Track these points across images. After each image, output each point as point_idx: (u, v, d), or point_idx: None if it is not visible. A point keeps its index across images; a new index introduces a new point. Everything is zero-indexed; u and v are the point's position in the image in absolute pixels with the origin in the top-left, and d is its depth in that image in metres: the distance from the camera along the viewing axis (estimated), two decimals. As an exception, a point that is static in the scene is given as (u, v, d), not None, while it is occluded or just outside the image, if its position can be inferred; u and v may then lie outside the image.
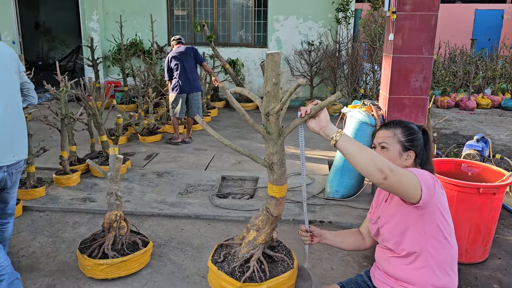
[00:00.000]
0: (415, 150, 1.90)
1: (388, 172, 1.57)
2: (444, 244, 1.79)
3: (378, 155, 1.63)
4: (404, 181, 1.62)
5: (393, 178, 1.58)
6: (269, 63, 1.68)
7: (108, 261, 2.84)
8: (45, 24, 15.83)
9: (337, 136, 1.63)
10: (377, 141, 1.94)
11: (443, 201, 1.78)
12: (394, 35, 3.87)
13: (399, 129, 1.92)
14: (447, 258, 1.80)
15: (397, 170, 1.61)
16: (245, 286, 1.94)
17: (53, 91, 4.71)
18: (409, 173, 1.65)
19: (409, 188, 1.64)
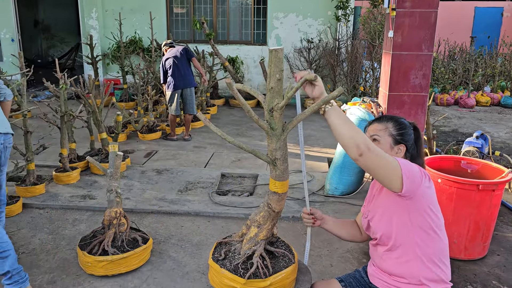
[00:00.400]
0: (406, 144, 1.93)
1: (364, 149, 1.60)
2: (432, 236, 1.79)
3: (362, 132, 1.65)
4: (381, 163, 1.64)
5: (369, 156, 1.61)
6: (272, 59, 1.68)
7: (108, 258, 2.85)
8: (44, 22, 15.80)
9: (327, 108, 1.68)
10: (369, 134, 1.97)
11: (430, 194, 1.79)
12: (393, 32, 3.87)
13: (390, 123, 1.96)
14: (436, 251, 1.80)
15: (376, 150, 1.63)
16: (249, 283, 1.94)
17: (52, 89, 4.70)
18: (391, 159, 1.67)
19: (387, 172, 1.66)
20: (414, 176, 1.71)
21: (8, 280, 2.57)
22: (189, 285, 2.85)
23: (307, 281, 2.12)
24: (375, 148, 1.64)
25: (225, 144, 6.26)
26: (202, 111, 8.21)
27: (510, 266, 3.18)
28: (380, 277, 1.92)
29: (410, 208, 1.76)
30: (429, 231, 1.79)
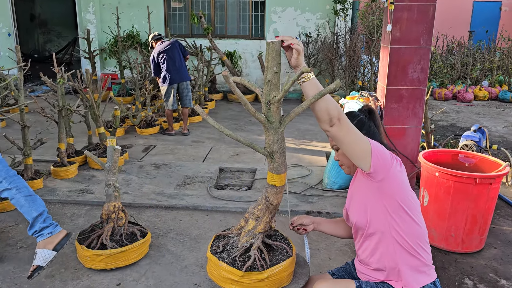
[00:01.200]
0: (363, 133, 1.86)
1: (335, 121, 1.65)
2: (407, 221, 1.79)
3: (336, 105, 1.68)
4: (351, 137, 1.68)
5: (339, 128, 1.66)
6: (269, 52, 1.67)
7: (106, 252, 2.85)
8: (40, 16, 15.70)
9: (304, 78, 1.72)
10: (330, 144, 1.98)
11: (402, 179, 1.79)
12: (392, 26, 3.86)
13: None
14: (413, 236, 1.80)
15: (346, 123, 1.67)
16: (247, 275, 1.95)
17: (50, 83, 4.69)
18: (361, 136, 1.71)
19: (356, 148, 1.70)
20: (384, 158, 1.73)
21: (43, 223, 2.72)
22: (187, 278, 2.86)
23: (305, 274, 2.13)
24: (348, 122, 1.68)
25: (224, 138, 6.26)
26: (200, 106, 8.19)
27: (507, 259, 3.20)
28: (363, 271, 1.96)
29: (382, 192, 1.77)
30: (404, 216, 1.79)
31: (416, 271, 1.82)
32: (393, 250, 1.81)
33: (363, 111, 1.98)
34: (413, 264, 1.82)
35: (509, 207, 4.06)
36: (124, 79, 8.91)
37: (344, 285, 1.91)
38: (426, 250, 1.86)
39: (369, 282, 1.90)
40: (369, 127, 1.92)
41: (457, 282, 2.88)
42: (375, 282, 1.89)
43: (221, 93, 9.70)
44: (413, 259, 1.81)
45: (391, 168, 1.75)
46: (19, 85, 4.14)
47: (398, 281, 1.83)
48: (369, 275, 1.92)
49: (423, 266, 1.83)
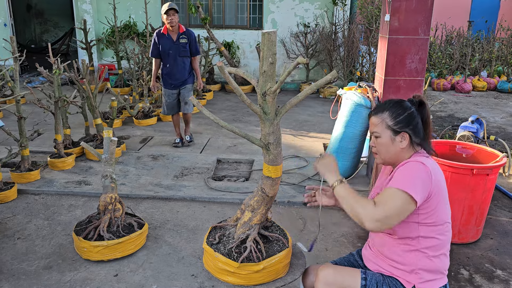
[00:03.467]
0: (408, 131, 1.82)
1: (377, 224, 1.64)
2: (438, 229, 1.78)
3: (365, 205, 1.68)
4: (397, 213, 1.66)
5: (386, 221, 1.65)
6: (265, 42, 1.66)
7: (103, 243, 2.85)
8: (37, 7, 15.57)
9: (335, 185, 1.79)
10: (371, 130, 1.90)
11: (440, 189, 1.75)
12: (390, 16, 3.83)
13: (386, 113, 1.85)
14: (439, 244, 1.79)
15: (383, 211, 1.64)
16: (243, 267, 1.95)
17: (46, 74, 4.65)
18: (396, 200, 1.66)
19: (405, 210, 1.67)
20: (424, 187, 1.69)
21: None
22: (184, 269, 2.87)
23: (301, 265, 2.14)
24: (381, 211, 1.65)
25: (221, 129, 6.24)
26: (197, 97, 8.17)
27: (503, 249, 3.21)
28: (375, 261, 1.92)
29: (420, 210, 1.75)
30: (437, 225, 1.77)
31: (432, 275, 1.81)
32: (414, 255, 1.80)
33: (414, 103, 1.88)
34: (432, 269, 1.81)
35: (506, 198, 4.07)
36: (121, 69, 8.86)
37: (349, 272, 1.90)
38: (447, 255, 1.86)
39: (375, 274, 1.88)
40: (416, 124, 1.84)
41: (453, 273, 2.90)
42: (382, 274, 1.88)
43: (219, 84, 9.65)
44: (433, 265, 1.80)
45: (431, 190, 1.71)
46: (15, 76, 4.11)
47: (410, 281, 1.81)
48: (380, 266, 1.90)
49: (439, 273, 1.83)
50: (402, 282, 1.82)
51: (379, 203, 1.68)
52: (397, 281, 1.83)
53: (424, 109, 1.87)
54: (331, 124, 6.39)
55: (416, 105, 1.87)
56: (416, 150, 1.85)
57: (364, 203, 1.70)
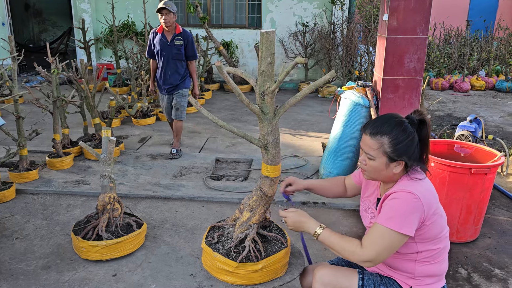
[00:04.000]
0: (405, 159, 1.72)
1: (368, 264, 1.68)
2: (436, 241, 1.77)
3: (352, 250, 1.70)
4: (388, 250, 1.67)
5: (377, 260, 1.68)
6: (264, 42, 1.66)
7: (102, 243, 2.85)
8: (35, 6, 15.54)
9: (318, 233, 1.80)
10: (363, 148, 1.79)
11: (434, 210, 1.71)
12: (388, 16, 3.83)
13: (385, 138, 1.71)
14: (439, 251, 1.79)
15: (374, 251, 1.66)
16: (241, 266, 1.95)
17: (44, 74, 4.65)
18: (386, 239, 1.65)
19: (396, 245, 1.68)
20: (414, 219, 1.65)
21: None
22: (183, 269, 2.87)
23: (299, 264, 2.14)
24: (370, 247, 1.67)
25: (220, 129, 6.24)
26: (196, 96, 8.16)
27: (501, 248, 3.22)
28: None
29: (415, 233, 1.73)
30: (434, 240, 1.76)
31: (431, 279, 1.81)
32: (413, 263, 1.79)
33: (414, 123, 1.74)
34: (430, 274, 1.80)
35: (504, 197, 4.08)
36: (120, 69, 8.85)
37: (346, 273, 1.89)
38: (446, 262, 1.85)
39: (373, 274, 1.88)
40: (415, 149, 1.72)
41: (451, 272, 2.91)
42: (379, 275, 1.88)
43: (218, 83, 9.65)
44: (432, 270, 1.80)
45: (424, 220, 1.68)
46: (13, 75, 4.10)
47: (408, 283, 1.81)
48: (378, 267, 1.90)
49: (438, 276, 1.83)
50: (400, 283, 1.82)
51: (368, 244, 1.68)
52: (395, 282, 1.83)
53: (424, 128, 1.75)
54: (329, 124, 6.39)
55: (416, 125, 1.75)
56: (408, 172, 1.76)
57: (351, 247, 1.71)
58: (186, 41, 4.87)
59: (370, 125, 1.77)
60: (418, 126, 1.74)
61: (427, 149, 1.77)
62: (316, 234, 1.80)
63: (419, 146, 1.74)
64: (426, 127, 1.74)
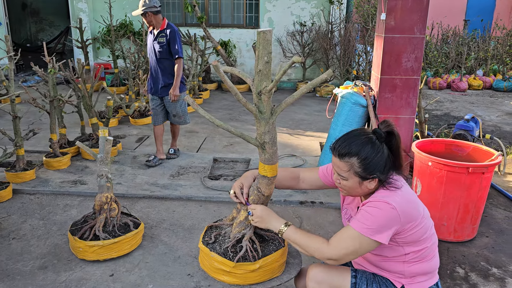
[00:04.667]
0: (377, 175, 1.71)
1: (331, 262, 1.71)
2: (423, 240, 1.76)
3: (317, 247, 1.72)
4: (354, 253, 1.68)
5: (341, 260, 1.70)
6: (260, 41, 1.65)
7: (99, 243, 2.84)
8: (32, 5, 15.49)
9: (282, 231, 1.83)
10: (334, 169, 1.80)
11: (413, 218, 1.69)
12: (386, 15, 3.83)
13: (354, 159, 1.70)
14: (427, 249, 1.79)
15: (340, 252, 1.68)
16: (238, 266, 1.95)
17: (41, 73, 4.63)
18: (354, 242, 1.66)
19: (364, 250, 1.69)
20: (387, 225, 1.65)
21: None
22: (181, 269, 2.86)
23: (297, 264, 2.13)
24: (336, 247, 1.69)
25: (217, 129, 6.23)
26: (194, 96, 8.15)
27: (498, 247, 3.22)
28: (363, 265, 1.92)
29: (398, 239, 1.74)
30: (418, 242, 1.75)
31: (422, 277, 1.81)
32: (403, 264, 1.79)
33: (382, 136, 1.72)
34: (421, 272, 1.80)
35: (501, 196, 4.08)
36: (118, 68, 8.83)
37: (339, 271, 1.90)
38: (437, 257, 1.85)
39: (365, 272, 1.88)
40: (385, 164, 1.71)
41: (448, 271, 2.91)
42: (372, 273, 1.88)
43: (216, 83, 9.64)
44: (422, 268, 1.80)
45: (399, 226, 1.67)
46: (10, 75, 4.08)
47: (401, 282, 1.81)
48: (369, 269, 1.89)
49: (430, 273, 1.83)
50: (392, 281, 1.82)
51: (335, 242, 1.71)
52: (388, 280, 1.83)
53: (393, 139, 1.73)
54: (327, 123, 6.39)
55: (384, 137, 1.73)
56: (383, 183, 1.74)
57: (317, 244, 1.73)
58: (168, 36, 4.49)
59: (337, 145, 1.76)
60: (386, 138, 1.73)
61: (399, 158, 1.76)
62: (281, 231, 1.83)
63: (391, 157, 1.73)
64: (395, 138, 1.73)
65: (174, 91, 4.52)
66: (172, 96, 4.53)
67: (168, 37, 4.47)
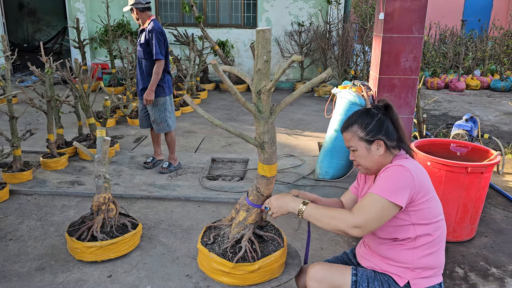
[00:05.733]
0: (381, 138, 1.81)
1: (357, 230, 1.67)
2: (432, 226, 1.77)
3: (341, 216, 1.70)
4: (377, 218, 1.67)
5: (366, 226, 1.67)
6: (259, 40, 1.64)
7: (97, 244, 2.82)
8: (29, 5, 15.43)
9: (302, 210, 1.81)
10: (346, 145, 1.90)
11: (425, 187, 1.74)
12: (384, 14, 3.82)
13: (355, 126, 1.85)
14: (435, 239, 1.79)
15: (364, 217, 1.67)
16: (238, 267, 1.93)
17: (38, 73, 4.61)
18: (376, 205, 1.67)
19: (386, 215, 1.68)
20: (406, 189, 1.68)
21: None
22: (179, 269, 2.85)
23: (296, 264, 2.12)
24: (360, 216, 1.68)
25: (216, 129, 6.22)
26: (192, 96, 8.14)
27: (497, 247, 3.22)
28: (369, 258, 1.91)
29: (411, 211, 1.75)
30: (431, 222, 1.77)
31: (428, 272, 1.80)
32: (411, 253, 1.78)
33: (380, 108, 1.87)
34: (427, 266, 1.79)
35: (500, 196, 4.08)
36: (115, 68, 8.80)
37: (340, 269, 1.89)
38: (443, 254, 1.85)
39: (366, 270, 1.87)
40: (387, 128, 1.82)
41: (448, 271, 2.90)
42: (374, 271, 1.87)
43: (213, 83, 9.62)
44: (429, 261, 1.79)
45: (415, 192, 1.71)
46: (7, 75, 4.06)
47: (405, 277, 1.80)
48: (375, 263, 1.88)
49: (435, 270, 1.82)
50: (394, 279, 1.81)
51: (358, 209, 1.71)
52: (390, 278, 1.82)
53: (391, 111, 1.86)
54: (325, 123, 6.38)
55: (382, 110, 1.86)
56: (395, 153, 1.84)
57: (340, 214, 1.73)
58: (147, 36, 4.19)
59: (344, 122, 1.92)
60: (384, 110, 1.86)
61: (402, 131, 1.86)
62: (301, 211, 1.81)
63: (393, 126, 1.84)
64: (392, 109, 1.85)
65: (146, 95, 4.22)
66: (144, 100, 4.26)
67: (147, 36, 4.18)
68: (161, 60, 4.19)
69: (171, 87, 4.48)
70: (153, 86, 4.22)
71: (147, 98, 4.23)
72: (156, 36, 4.15)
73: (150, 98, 4.23)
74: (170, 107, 4.45)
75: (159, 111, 4.37)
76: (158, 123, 4.40)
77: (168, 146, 4.59)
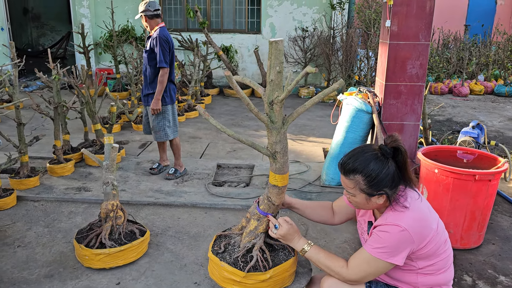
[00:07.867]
0: (384, 191, 1.70)
1: (353, 283, 1.78)
2: (436, 255, 1.76)
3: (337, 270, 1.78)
4: (372, 274, 1.74)
5: (362, 281, 1.77)
6: (272, 51, 1.65)
7: (105, 251, 2.83)
8: (33, 10, 15.52)
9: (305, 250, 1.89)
10: (343, 185, 1.81)
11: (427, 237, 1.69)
12: (391, 22, 3.84)
13: (359, 176, 1.70)
14: (442, 261, 1.78)
15: (359, 275, 1.74)
16: (249, 276, 1.94)
17: (45, 79, 4.63)
18: (371, 265, 1.71)
19: (381, 271, 1.73)
20: (403, 247, 1.67)
21: None
22: (187, 277, 2.85)
23: (306, 273, 2.12)
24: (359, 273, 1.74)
25: (221, 134, 6.23)
26: (196, 101, 8.16)
27: (505, 255, 3.21)
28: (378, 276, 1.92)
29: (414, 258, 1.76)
30: (432, 256, 1.75)
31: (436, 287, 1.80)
32: (416, 275, 1.79)
33: (387, 153, 1.71)
34: (434, 284, 1.80)
35: (506, 203, 4.08)
36: (120, 74, 8.84)
37: None
38: (451, 270, 1.84)
39: (379, 282, 1.88)
40: (393, 177, 1.70)
41: (456, 279, 2.89)
42: (386, 283, 1.88)
43: (217, 88, 9.65)
44: (437, 280, 1.79)
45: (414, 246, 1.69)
46: (14, 81, 4.08)
47: None
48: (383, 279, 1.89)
49: (444, 285, 1.82)
50: None
51: (353, 266, 1.76)
52: None
53: (400, 155, 1.71)
54: (330, 129, 6.39)
55: (390, 154, 1.71)
56: (391, 202, 1.74)
57: (337, 266, 1.78)
58: (152, 43, 4.22)
59: (343, 163, 1.77)
60: (393, 154, 1.72)
61: (407, 172, 1.74)
62: (303, 251, 1.88)
63: (398, 172, 1.71)
64: (401, 154, 1.71)
65: (152, 105, 4.24)
66: (151, 110, 4.28)
67: (152, 44, 4.20)
68: (165, 68, 4.20)
69: (173, 96, 4.45)
70: (159, 95, 4.23)
71: (153, 107, 4.25)
72: (160, 44, 4.16)
73: (156, 107, 4.25)
74: (171, 116, 4.43)
75: (157, 119, 4.37)
76: (156, 131, 4.41)
77: (174, 152, 4.60)
